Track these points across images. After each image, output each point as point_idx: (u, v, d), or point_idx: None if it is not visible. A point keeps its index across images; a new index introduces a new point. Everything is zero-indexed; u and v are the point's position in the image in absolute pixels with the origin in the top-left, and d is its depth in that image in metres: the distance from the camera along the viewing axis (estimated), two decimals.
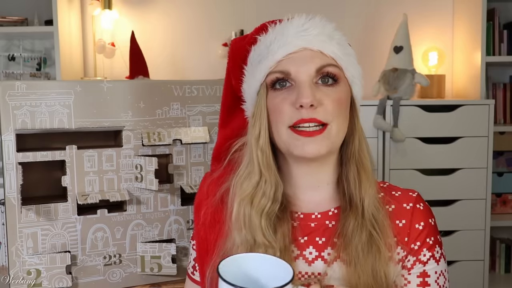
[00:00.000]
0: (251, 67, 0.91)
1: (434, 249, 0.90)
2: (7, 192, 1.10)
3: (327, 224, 0.90)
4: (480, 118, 2.32)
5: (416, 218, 0.91)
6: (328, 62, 0.85)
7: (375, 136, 2.32)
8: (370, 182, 0.88)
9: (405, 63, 2.42)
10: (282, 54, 0.85)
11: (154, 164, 1.15)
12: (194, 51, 2.79)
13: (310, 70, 0.84)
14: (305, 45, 0.85)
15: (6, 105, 1.09)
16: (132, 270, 1.21)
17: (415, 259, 0.89)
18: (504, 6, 2.73)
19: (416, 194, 0.94)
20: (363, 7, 2.76)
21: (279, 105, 0.85)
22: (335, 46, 0.87)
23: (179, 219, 1.25)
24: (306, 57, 0.85)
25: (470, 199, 2.35)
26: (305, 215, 0.91)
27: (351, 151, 0.90)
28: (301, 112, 0.82)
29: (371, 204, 0.87)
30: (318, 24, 0.88)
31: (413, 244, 0.90)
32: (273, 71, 0.86)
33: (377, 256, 0.86)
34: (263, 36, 0.90)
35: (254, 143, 0.88)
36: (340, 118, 0.85)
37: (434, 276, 0.89)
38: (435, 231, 0.92)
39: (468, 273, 2.35)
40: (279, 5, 2.75)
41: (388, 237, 0.87)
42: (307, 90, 0.82)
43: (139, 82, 1.27)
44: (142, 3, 2.79)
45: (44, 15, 2.66)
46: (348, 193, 0.90)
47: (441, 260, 0.91)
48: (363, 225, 0.86)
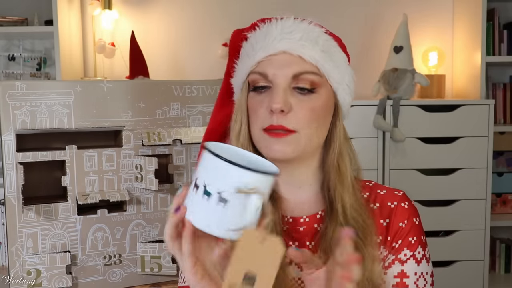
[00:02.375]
0: (239, 62, 0.92)
1: (416, 249, 0.88)
2: (7, 192, 1.10)
3: (315, 227, 0.89)
4: (480, 118, 2.32)
5: (399, 217, 0.90)
6: (306, 69, 0.84)
7: (375, 136, 2.32)
8: (348, 189, 0.88)
9: (405, 63, 2.42)
10: (262, 55, 0.86)
11: (154, 164, 1.15)
12: (194, 51, 2.79)
13: (287, 74, 0.84)
14: (285, 49, 0.85)
15: (6, 105, 1.09)
16: (132, 270, 1.21)
17: (394, 257, 0.88)
18: (504, 6, 2.73)
19: (401, 193, 0.94)
20: (363, 7, 2.76)
21: (256, 108, 0.86)
22: (317, 52, 0.85)
23: None
24: (284, 61, 0.85)
25: (470, 199, 2.35)
26: (294, 219, 0.90)
27: (330, 157, 0.90)
28: (272, 117, 0.83)
29: (350, 210, 0.86)
30: (304, 27, 0.87)
31: (394, 242, 0.89)
32: (253, 71, 0.87)
33: (360, 263, 0.85)
34: (252, 34, 0.91)
35: (235, 139, 0.89)
36: (311, 127, 0.85)
37: (414, 277, 0.87)
38: (419, 231, 0.91)
39: (468, 273, 2.35)
40: (279, 5, 2.75)
41: (372, 235, 0.87)
42: (279, 94, 0.83)
43: (139, 82, 1.27)
44: (142, 3, 2.79)
45: (44, 15, 2.66)
46: (328, 198, 0.90)
47: (422, 262, 0.88)
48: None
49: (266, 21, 0.91)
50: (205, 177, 0.65)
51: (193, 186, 0.66)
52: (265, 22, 0.91)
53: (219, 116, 0.98)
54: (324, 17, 2.82)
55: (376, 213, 0.90)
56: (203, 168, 0.66)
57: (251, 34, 0.91)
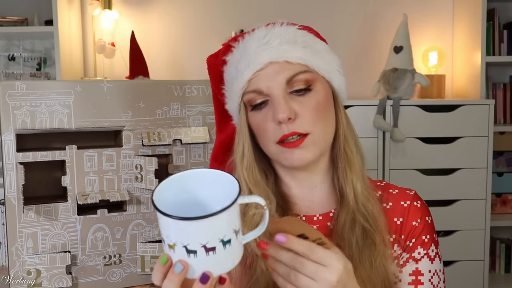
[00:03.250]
0: (228, 87, 0.91)
1: (429, 247, 0.90)
2: (7, 192, 1.10)
3: (328, 225, 0.90)
4: (480, 118, 2.32)
5: (412, 216, 0.91)
6: (296, 71, 0.84)
7: (375, 136, 2.32)
8: (357, 175, 0.89)
9: (405, 63, 2.42)
10: (249, 74, 0.85)
11: (154, 164, 1.15)
12: (194, 51, 2.79)
13: (281, 82, 0.84)
14: (269, 60, 0.84)
15: (6, 105, 1.09)
16: (132, 270, 1.21)
17: (409, 256, 0.89)
18: (504, 6, 2.73)
19: (413, 193, 0.95)
20: (362, 7, 2.76)
21: (262, 124, 0.86)
22: (300, 51, 0.85)
23: None
24: (273, 71, 0.84)
25: (470, 199, 2.35)
26: (307, 217, 0.91)
27: (337, 145, 0.90)
28: (282, 127, 0.83)
29: (360, 195, 0.88)
30: (279, 32, 0.86)
31: (408, 241, 0.90)
32: (247, 91, 0.86)
33: (373, 248, 0.86)
34: (230, 56, 0.90)
35: (239, 163, 0.89)
36: (321, 123, 0.85)
37: (428, 274, 0.89)
38: (431, 230, 0.92)
39: (468, 273, 2.35)
40: (280, 5, 2.75)
41: (384, 233, 0.87)
42: (281, 105, 0.82)
43: (139, 82, 1.27)
44: (142, 3, 2.79)
45: (44, 15, 2.66)
46: (338, 187, 0.90)
47: (435, 259, 0.90)
48: (355, 220, 0.87)
49: (239, 39, 0.90)
50: (180, 239, 0.63)
51: (175, 252, 0.65)
52: (238, 41, 0.90)
53: (223, 135, 0.99)
54: (324, 17, 2.80)
55: (389, 212, 0.91)
56: (172, 232, 0.64)
57: (229, 56, 0.90)
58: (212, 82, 0.98)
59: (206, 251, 0.63)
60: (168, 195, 0.67)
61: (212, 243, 0.63)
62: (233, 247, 0.65)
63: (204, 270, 0.64)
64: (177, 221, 0.61)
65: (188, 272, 0.64)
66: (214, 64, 0.95)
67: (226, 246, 0.63)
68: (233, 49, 0.89)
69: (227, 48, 0.92)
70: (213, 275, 0.64)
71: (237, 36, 0.91)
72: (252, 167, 0.89)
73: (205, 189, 0.70)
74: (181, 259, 0.64)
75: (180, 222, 0.61)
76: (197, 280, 0.64)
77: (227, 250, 0.64)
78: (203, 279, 0.63)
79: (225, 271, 0.66)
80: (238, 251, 0.67)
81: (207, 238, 0.62)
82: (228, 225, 0.64)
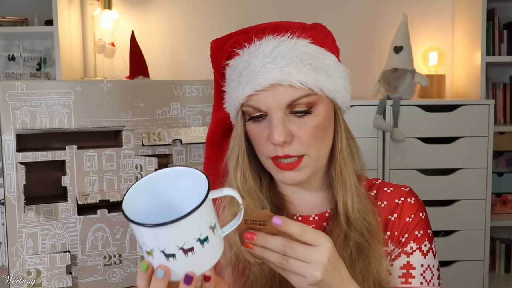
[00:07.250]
0: (228, 88, 0.89)
1: (423, 242, 0.90)
2: (7, 192, 1.10)
3: (324, 225, 0.90)
4: (480, 118, 2.32)
5: (406, 212, 0.91)
6: (298, 95, 0.82)
7: (375, 136, 2.32)
8: (351, 195, 0.88)
9: (405, 63, 2.42)
10: (250, 91, 0.82)
11: (154, 164, 1.15)
12: (194, 51, 2.79)
13: (281, 105, 0.82)
14: (273, 82, 0.81)
15: (6, 105, 1.09)
16: (132, 270, 1.21)
17: (400, 250, 0.89)
18: (504, 6, 2.73)
19: (408, 189, 0.95)
20: (363, 7, 2.75)
21: (257, 138, 0.85)
22: (304, 74, 0.81)
23: None
24: (275, 93, 0.81)
25: (470, 199, 2.35)
26: (303, 218, 0.91)
27: (333, 165, 0.90)
28: (277, 148, 0.82)
29: (353, 213, 0.87)
30: (285, 49, 0.82)
31: (401, 237, 0.90)
32: (246, 104, 0.84)
33: (366, 262, 0.85)
34: (233, 61, 0.87)
35: (233, 171, 0.89)
36: (317, 146, 0.84)
37: (420, 269, 0.88)
38: (425, 225, 0.92)
39: (468, 273, 2.35)
40: (280, 5, 2.75)
41: (379, 234, 0.87)
42: (278, 127, 0.81)
43: (139, 82, 1.27)
44: (142, 3, 2.79)
45: (44, 15, 2.66)
46: (333, 200, 0.91)
47: (429, 254, 0.90)
48: (348, 236, 0.86)
49: (245, 44, 0.86)
50: (156, 245, 0.63)
51: (154, 258, 0.64)
52: (243, 47, 0.86)
53: (221, 113, 0.97)
54: (324, 17, 2.81)
55: (383, 210, 0.91)
56: (147, 239, 0.64)
57: (232, 61, 0.88)
58: (214, 68, 0.95)
59: (184, 252, 0.63)
60: (139, 201, 0.67)
61: (189, 243, 0.63)
62: (211, 243, 0.64)
63: (186, 271, 0.64)
64: (149, 228, 0.61)
65: (171, 275, 0.64)
66: (218, 55, 0.92)
67: (204, 244, 0.63)
68: (236, 57, 0.87)
69: (230, 52, 0.89)
70: (196, 275, 0.64)
71: (241, 38, 0.87)
72: (246, 176, 0.88)
73: (175, 189, 0.69)
74: (161, 264, 0.64)
75: (152, 229, 0.61)
76: (181, 281, 0.64)
77: (205, 248, 0.64)
78: (187, 280, 0.64)
79: (208, 268, 0.66)
80: (218, 246, 0.67)
81: (183, 240, 0.62)
82: (202, 223, 0.63)
